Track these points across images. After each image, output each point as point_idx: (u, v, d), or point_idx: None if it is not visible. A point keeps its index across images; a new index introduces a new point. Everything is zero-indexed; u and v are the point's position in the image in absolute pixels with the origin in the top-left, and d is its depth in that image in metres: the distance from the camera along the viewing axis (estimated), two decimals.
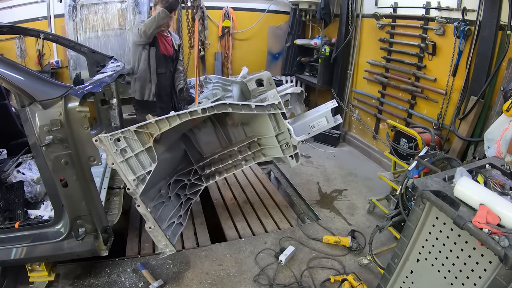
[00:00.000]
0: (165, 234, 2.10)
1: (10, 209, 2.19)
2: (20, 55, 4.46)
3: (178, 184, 2.48)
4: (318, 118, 2.67)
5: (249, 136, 2.53)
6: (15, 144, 2.78)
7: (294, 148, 2.43)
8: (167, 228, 2.21)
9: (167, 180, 2.40)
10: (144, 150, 1.90)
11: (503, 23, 2.65)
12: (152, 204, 2.10)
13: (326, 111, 2.68)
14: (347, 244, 2.64)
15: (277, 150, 2.45)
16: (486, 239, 1.19)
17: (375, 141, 4.44)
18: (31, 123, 1.69)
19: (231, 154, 2.56)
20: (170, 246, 2.14)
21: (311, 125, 2.68)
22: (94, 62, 2.91)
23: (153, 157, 1.91)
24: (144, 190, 1.93)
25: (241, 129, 2.52)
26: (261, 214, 3.12)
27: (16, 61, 2.18)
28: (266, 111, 2.24)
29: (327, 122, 2.67)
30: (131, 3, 4.45)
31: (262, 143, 2.52)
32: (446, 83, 3.22)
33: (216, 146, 2.53)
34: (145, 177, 1.91)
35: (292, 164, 2.48)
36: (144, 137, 1.89)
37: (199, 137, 2.48)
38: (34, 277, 2.16)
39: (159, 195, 2.25)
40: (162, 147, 2.14)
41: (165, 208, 2.27)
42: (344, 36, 4.49)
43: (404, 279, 1.73)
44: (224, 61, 5.37)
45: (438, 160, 2.33)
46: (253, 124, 2.47)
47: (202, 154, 2.55)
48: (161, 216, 2.18)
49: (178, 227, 2.38)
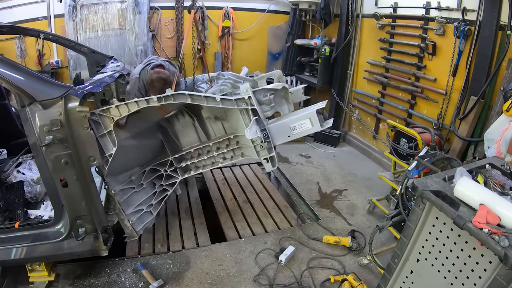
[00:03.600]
0: (128, 219, 2.18)
1: (10, 209, 2.19)
2: (20, 55, 4.47)
3: (154, 173, 2.50)
4: (300, 120, 2.31)
5: (228, 132, 2.45)
6: (15, 144, 2.78)
7: (270, 151, 2.29)
8: (132, 214, 2.27)
9: (142, 167, 2.44)
10: (106, 133, 1.97)
11: (503, 23, 2.65)
12: (119, 187, 2.18)
13: (310, 112, 2.30)
14: (347, 244, 2.64)
15: (253, 151, 2.34)
16: (486, 239, 1.18)
17: (375, 141, 4.44)
18: (31, 123, 1.69)
19: (209, 150, 2.49)
20: (133, 232, 2.23)
21: (292, 127, 2.34)
22: (94, 62, 2.91)
23: (113, 141, 1.98)
24: (111, 172, 2.03)
25: (220, 125, 2.45)
26: (261, 214, 3.12)
27: (16, 61, 2.18)
28: (235, 105, 2.12)
29: (311, 124, 2.30)
30: (131, 3, 4.45)
31: (240, 141, 2.41)
32: (446, 83, 3.22)
33: (194, 139, 2.51)
34: (107, 160, 1.98)
35: (267, 168, 2.35)
36: (107, 120, 1.96)
37: (177, 128, 2.47)
38: (34, 277, 2.16)
39: (130, 181, 2.31)
40: (127, 133, 2.19)
41: (134, 194, 2.33)
42: (344, 36, 4.49)
43: (404, 279, 1.73)
44: (224, 61, 5.37)
45: (438, 160, 2.33)
46: (230, 120, 2.39)
47: (179, 146, 2.53)
48: (128, 201, 2.25)
49: (146, 215, 2.42)
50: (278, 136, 2.37)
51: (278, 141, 2.38)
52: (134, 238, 2.30)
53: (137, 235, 2.28)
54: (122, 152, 2.03)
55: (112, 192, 2.09)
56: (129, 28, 4.51)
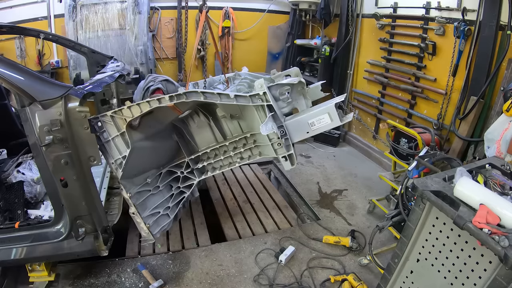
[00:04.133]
0: (144, 222, 2.14)
1: (10, 209, 2.19)
2: (20, 55, 4.46)
3: (170, 176, 2.48)
4: (318, 115, 2.20)
5: (245, 131, 2.38)
6: (15, 144, 2.78)
7: (288, 148, 2.23)
8: (149, 217, 2.24)
9: (158, 170, 2.41)
10: (119, 135, 1.95)
11: (503, 23, 2.65)
12: (134, 190, 2.14)
13: (329, 106, 2.19)
14: (347, 244, 2.64)
15: (270, 149, 2.26)
16: (486, 239, 1.19)
17: (375, 141, 4.44)
18: (31, 123, 1.69)
19: (226, 150, 2.42)
20: (150, 235, 2.19)
21: (310, 123, 2.23)
22: (94, 62, 2.91)
23: (127, 142, 1.95)
24: (126, 175, 2.00)
25: (236, 124, 2.37)
26: (261, 214, 3.13)
27: (16, 61, 2.18)
28: (250, 102, 2.04)
29: (330, 119, 2.19)
30: (131, 3, 4.44)
31: (257, 139, 2.34)
32: (446, 83, 3.22)
33: (210, 139, 2.45)
34: (121, 162, 1.96)
35: (285, 166, 2.28)
36: (119, 122, 1.93)
37: (192, 129, 2.44)
38: (34, 277, 2.16)
39: (145, 183, 2.28)
40: (141, 134, 2.15)
41: (151, 197, 2.30)
42: (344, 36, 4.49)
43: (404, 279, 1.73)
44: (224, 61, 5.37)
45: (438, 160, 2.33)
46: (247, 118, 2.31)
47: (196, 147, 2.48)
48: (144, 204, 2.22)
49: (163, 218, 2.38)
50: (296, 132, 2.26)
51: (297, 138, 2.28)
52: (151, 241, 2.26)
53: (154, 238, 2.23)
54: (137, 154, 2.00)
55: (128, 195, 2.05)
56: (129, 28, 4.50)
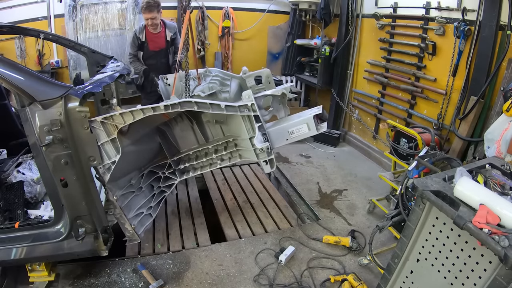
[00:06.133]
0: (130, 223, 2.16)
1: (10, 209, 2.19)
2: (20, 55, 4.46)
3: (152, 176, 2.50)
4: (298, 124, 2.47)
5: (226, 135, 2.52)
6: (15, 144, 2.77)
7: (269, 154, 2.38)
8: (134, 217, 2.26)
9: (140, 171, 2.43)
10: (109, 141, 1.94)
11: (503, 23, 2.65)
12: (120, 193, 2.16)
13: (307, 117, 2.45)
14: (347, 244, 2.64)
15: (252, 154, 2.42)
16: (486, 239, 1.19)
17: (375, 141, 4.44)
18: (31, 123, 1.69)
19: (207, 152, 2.54)
20: (135, 236, 2.22)
21: (290, 131, 2.48)
22: (94, 62, 2.90)
23: (117, 148, 1.94)
24: (112, 178, 2.00)
25: (218, 128, 2.51)
26: (261, 214, 3.12)
27: (16, 61, 2.18)
28: (238, 112, 2.20)
29: (308, 129, 2.45)
30: (131, 3, 4.45)
31: (238, 144, 2.49)
32: (446, 83, 3.22)
33: (192, 142, 2.54)
34: (110, 167, 1.96)
35: (266, 170, 2.45)
36: (110, 128, 1.92)
37: (176, 132, 2.49)
38: (34, 277, 2.16)
39: (129, 185, 2.30)
40: (129, 140, 2.16)
41: (134, 198, 2.32)
42: (344, 36, 4.49)
43: (404, 279, 1.73)
44: (224, 61, 5.37)
45: (438, 160, 2.33)
46: (230, 124, 2.46)
47: (178, 149, 2.56)
48: (129, 205, 2.24)
49: (146, 218, 2.42)
50: (277, 139, 2.49)
51: (277, 144, 2.51)
52: (137, 241, 2.29)
53: (139, 238, 2.28)
54: (124, 158, 2.02)
55: (114, 198, 2.06)
56: (129, 28, 4.51)
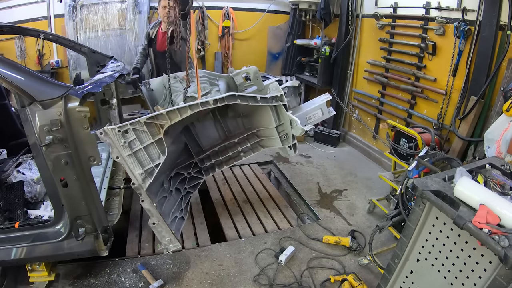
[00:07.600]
0: (170, 229, 2.05)
1: (10, 209, 2.18)
2: (20, 55, 4.46)
3: (177, 178, 2.48)
4: (314, 110, 2.85)
5: (247, 128, 2.60)
6: (15, 144, 2.78)
7: (293, 139, 2.53)
8: (171, 223, 2.18)
9: (167, 174, 2.39)
10: (154, 142, 1.87)
11: (503, 23, 2.65)
12: (156, 199, 2.08)
13: (321, 103, 2.87)
14: (347, 244, 2.64)
15: (277, 141, 2.54)
16: (486, 239, 1.19)
17: (375, 141, 4.44)
18: (31, 123, 1.68)
19: (230, 146, 2.62)
20: (175, 241, 2.09)
21: (308, 117, 2.83)
22: (94, 62, 2.91)
23: (162, 150, 1.87)
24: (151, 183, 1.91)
25: (240, 121, 2.59)
26: (261, 214, 3.12)
27: (16, 61, 2.18)
28: (269, 103, 2.34)
29: (322, 113, 2.87)
30: (131, 3, 4.45)
31: (261, 134, 2.61)
32: (446, 83, 3.22)
33: (216, 138, 2.59)
34: (153, 170, 1.89)
35: (290, 154, 2.60)
36: (154, 128, 1.86)
37: (198, 130, 2.50)
38: (34, 277, 2.16)
39: (162, 189, 2.23)
40: (170, 139, 2.09)
41: (167, 203, 2.27)
42: (344, 36, 4.49)
43: (404, 279, 1.73)
44: (224, 61, 5.37)
45: (438, 160, 2.32)
46: (254, 116, 2.54)
47: (201, 147, 2.58)
48: (164, 211, 2.16)
49: (180, 221, 2.38)
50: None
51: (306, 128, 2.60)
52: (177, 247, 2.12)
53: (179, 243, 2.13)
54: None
55: (154, 205, 1.95)
56: (129, 28, 4.51)
